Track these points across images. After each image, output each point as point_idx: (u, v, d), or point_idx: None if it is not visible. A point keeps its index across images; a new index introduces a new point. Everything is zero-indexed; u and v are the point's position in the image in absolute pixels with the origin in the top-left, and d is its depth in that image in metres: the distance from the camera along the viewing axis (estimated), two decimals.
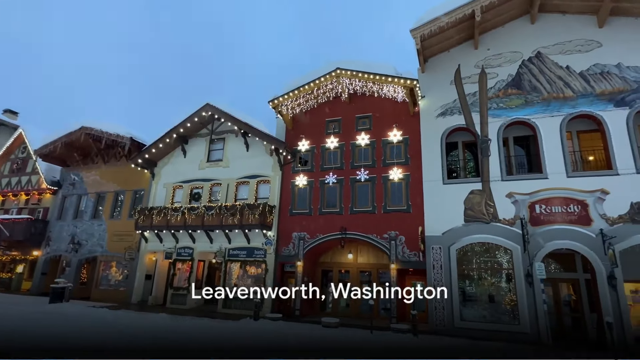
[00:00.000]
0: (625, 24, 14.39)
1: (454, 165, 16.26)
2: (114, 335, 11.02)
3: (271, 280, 17.08)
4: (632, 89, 13.66)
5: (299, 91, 17.64)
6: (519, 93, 15.14)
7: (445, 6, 15.05)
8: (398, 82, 15.79)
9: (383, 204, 16.10)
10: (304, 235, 17.03)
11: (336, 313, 17.31)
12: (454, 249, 14.42)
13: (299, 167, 18.28)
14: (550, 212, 13.60)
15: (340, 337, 11.86)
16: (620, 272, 12.24)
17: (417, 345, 11.14)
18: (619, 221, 12.69)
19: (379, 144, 16.94)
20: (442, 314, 13.94)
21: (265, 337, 11.67)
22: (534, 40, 15.48)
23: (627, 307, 12.19)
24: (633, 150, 13.15)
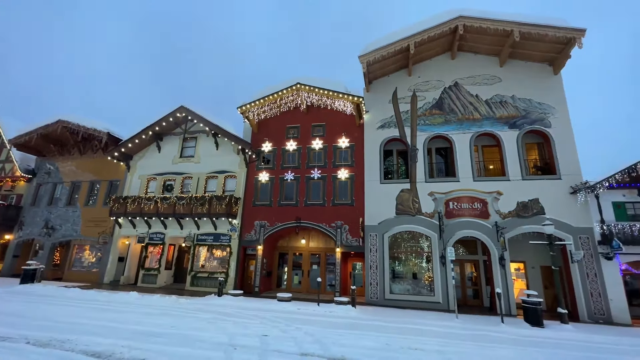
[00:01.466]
0: (518, 66, 15.81)
1: (389, 169, 16.86)
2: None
3: (235, 262, 16.64)
4: (521, 115, 15.06)
5: (264, 100, 17.34)
6: (440, 113, 16.06)
7: (388, 39, 15.58)
8: (347, 98, 16.07)
9: (332, 198, 16.32)
10: (264, 223, 16.79)
11: (290, 289, 17.31)
12: (387, 236, 14.99)
13: (262, 165, 17.97)
14: (460, 207, 14.59)
15: (291, 308, 11.86)
16: (508, 255, 13.47)
17: (353, 314, 11.45)
18: (508, 216, 13.94)
19: (330, 149, 17.13)
20: (375, 289, 14.45)
21: (223, 310, 11.34)
22: (453, 73, 16.50)
23: (511, 281, 13.45)
24: (520, 162, 14.51)
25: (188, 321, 9.17)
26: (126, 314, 9.97)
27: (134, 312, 10.23)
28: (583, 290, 12.54)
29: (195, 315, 10.12)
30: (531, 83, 15.32)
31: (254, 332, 8.09)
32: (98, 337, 7.04)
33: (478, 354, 7.06)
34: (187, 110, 18.40)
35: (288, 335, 7.98)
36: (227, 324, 9.06)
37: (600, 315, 12.18)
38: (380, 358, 6.43)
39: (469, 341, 8.24)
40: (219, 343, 6.98)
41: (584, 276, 12.67)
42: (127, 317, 9.37)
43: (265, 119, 18.41)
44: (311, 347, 6.90)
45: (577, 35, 13.62)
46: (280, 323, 9.44)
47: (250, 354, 6.26)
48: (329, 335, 8.11)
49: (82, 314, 9.57)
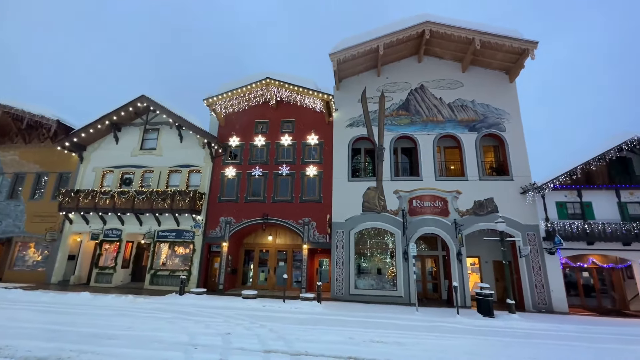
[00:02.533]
0: (479, 72, 16.75)
1: (357, 167, 17.16)
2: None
3: (198, 259, 16.11)
4: (480, 119, 16.00)
5: (232, 93, 16.86)
6: (407, 114, 16.61)
7: (358, 39, 15.80)
8: (317, 95, 16.09)
9: (300, 194, 16.30)
10: (230, 219, 16.40)
11: (255, 286, 17.10)
12: (353, 233, 15.28)
13: (229, 160, 17.51)
14: (423, 205, 15.23)
15: (256, 305, 11.74)
16: (464, 250, 14.31)
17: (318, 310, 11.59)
18: (466, 214, 14.79)
19: (299, 145, 17.08)
20: (341, 284, 14.70)
21: (184, 309, 10.97)
22: (420, 76, 17.11)
23: (467, 275, 14.31)
24: (478, 164, 15.43)
25: (146, 321, 8.75)
26: (76, 315, 9.30)
27: (85, 314, 9.58)
28: (529, 283, 13.66)
29: (154, 315, 9.68)
30: (489, 89, 16.30)
31: (217, 331, 7.91)
32: (42, 341, 6.51)
33: (434, 344, 7.45)
34: (149, 100, 17.43)
35: (252, 332, 7.90)
36: (188, 323, 8.77)
37: (543, 304, 13.35)
38: (343, 352, 6.56)
39: (427, 332, 8.67)
40: (178, 343, 6.75)
41: (530, 269, 13.80)
42: (77, 319, 8.74)
43: (233, 113, 17.93)
44: (275, 344, 6.89)
45: (530, 47, 14.69)
46: (245, 321, 9.31)
47: (212, 353, 6.11)
48: (294, 331, 8.14)
49: (25, 317, 8.79)
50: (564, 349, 7.34)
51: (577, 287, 15.20)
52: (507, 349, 7.18)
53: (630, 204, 14.14)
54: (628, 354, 7.15)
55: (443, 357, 6.38)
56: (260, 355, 6.14)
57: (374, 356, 6.36)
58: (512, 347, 7.37)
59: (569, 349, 7.37)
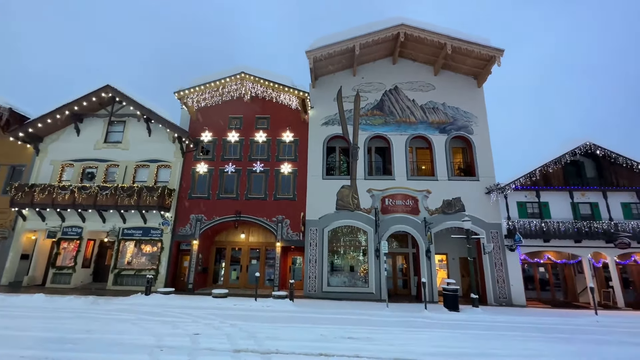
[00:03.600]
0: (450, 76, 17.40)
1: (331, 165, 17.27)
2: None
3: (166, 258, 15.54)
4: (450, 122, 16.64)
5: (205, 87, 16.36)
6: (381, 114, 16.95)
7: (335, 37, 15.88)
8: (293, 92, 16.00)
9: (274, 192, 16.16)
10: (201, 217, 15.96)
11: (227, 285, 16.80)
12: (327, 231, 15.40)
13: (201, 156, 17.00)
14: (395, 204, 15.64)
15: (227, 304, 11.54)
16: (433, 248, 14.88)
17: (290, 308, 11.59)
18: (435, 212, 15.37)
19: (274, 142, 16.91)
20: (314, 282, 14.79)
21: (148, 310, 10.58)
22: (394, 77, 17.50)
23: (435, 271, 14.90)
24: (447, 164, 16.06)
25: (108, 324, 8.33)
26: (29, 319, 8.68)
27: (40, 317, 8.96)
28: (491, 278, 14.45)
29: (117, 317, 9.24)
30: (459, 93, 16.99)
31: (185, 331, 7.69)
32: None
33: (402, 338, 7.70)
34: (115, 90, 16.52)
35: (221, 332, 7.76)
36: (154, 324, 8.45)
37: (504, 298, 14.19)
38: (314, 349, 6.62)
39: (396, 327, 8.94)
40: (143, 345, 6.49)
41: (493, 265, 14.60)
42: (31, 323, 8.16)
43: (206, 107, 17.41)
44: (245, 343, 6.82)
45: (497, 54, 15.46)
46: (214, 320, 9.12)
47: (179, 355, 5.94)
48: (265, 329, 8.09)
49: None
50: (521, 340, 7.85)
51: (534, 281, 16.30)
52: (469, 341, 7.57)
53: (581, 204, 15.34)
54: (577, 342, 7.78)
55: (410, 351, 6.61)
56: (229, 354, 6.05)
57: (344, 352, 6.46)
58: (474, 339, 7.78)
59: (525, 339, 7.89)
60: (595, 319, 10.86)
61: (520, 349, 7.00)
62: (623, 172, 15.30)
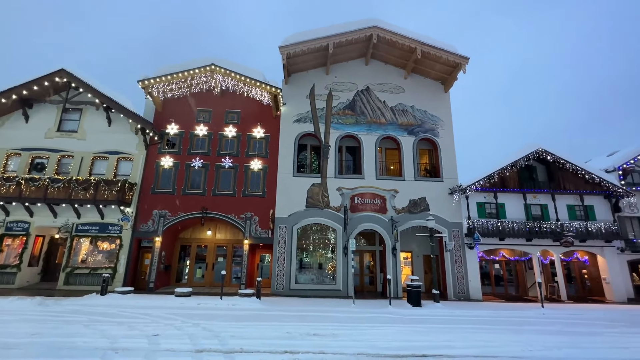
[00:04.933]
0: (419, 80, 17.99)
1: (302, 162, 17.24)
2: None
3: (126, 256, 14.72)
4: (418, 124, 17.22)
5: (172, 77, 15.62)
6: (352, 114, 17.16)
7: (309, 34, 15.82)
8: (265, 88, 15.75)
9: (243, 189, 15.84)
10: (165, 212, 15.27)
11: (191, 283, 16.26)
12: (296, 228, 15.37)
13: (166, 149, 16.25)
14: (364, 203, 15.94)
15: (191, 303, 11.17)
16: (399, 245, 15.36)
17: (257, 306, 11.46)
18: (402, 211, 15.87)
19: (244, 138, 16.56)
20: (282, 279, 14.72)
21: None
22: (366, 78, 17.78)
23: (400, 268, 15.41)
24: (414, 165, 16.62)
25: (57, 326, 7.75)
26: None
27: None
28: (452, 274, 15.20)
29: (67, 319, 8.62)
30: (427, 97, 17.63)
31: (143, 333, 7.35)
32: None
33: (367, 334, 7.90)
34: (70, 74, 15.30)
35: (183, 332, 7.51)
36: (109, 325, 7.99)
37: (462, 293, 14.99)
38: (279, 347, 6.60)
39: (361, 323, 9.14)
40: (96, 348, 6.11)
41: (453, 262, 15.36)
42: None
43: (173, 99, 16.66)
44: (208, 343, 6.64)
45: (463, 61, 16.21)
46: (176, 320, 8.80)
47: (135, 357, 5.67)
48: (229, 328, 7.94)
49: None
50: (476, 332, 8.35)
51: (490, 277, 17.36)
52: (428, 335, 7.93)
53: (533, 205, 16.55)
54: (525, 332, 8.42)
55: (373, 346, 6.79)
56: (190, 355, 5.87)
57: (310, 349, 6.51)
58: (434, 333, 8.16)
59: (479, 331, 8.40)
60: (541, 312, 11.80)
61: (474, 340, 7.44)
62: (569, 177, 16.71)
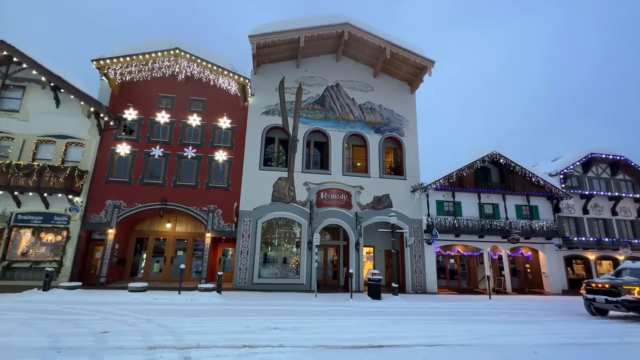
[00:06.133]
0: (387, 80, 18.42)
1: (269, 156, 17.02)
2: None
3: (73, 248, 13.65)
4: (384, 123, 17.66)
5: (131, 58, 14.60)
6: (321, 109, 17.19)
7: (281, 26, 15.54)
8: (233, 77, 15.24)
9: (206, 180, 15.30)
10: (120, 203, 14.35)
11: (147, 278, 15.50)
12: (261, 222, 15.19)
13: (123, 136, 15.23)
14: (330, 198, 16.10)
15: (146, 299, 10.65)
16: (362, 240, 15.74)
17: (217, 300, 11.21)
18: (366, 207, 16.25)
19: (209, 127, 15.96)
20: (244, 274, 14.50)
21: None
22: (337, 74, 17.86)
23: (363, 262, 15.82)
24: (380, 163, 17.05)
25: None
26: None
27: None
28: (411, 269, 15.89)
29: (2, 317, 7.83)
30: (394, 97, 18.11)
31: (90, 330, 6.87)
32: None
33: (327, 326, 8.02)
34: (11, 47, 13.75)
35: (136, 328, 7.13)
36: (51, 323, 7.37)
37: (420, 287, 15.73)
38: (238, 341, 6.49)
39: (322, 316, 9.26)
40: (34, 348, 5.61)
41: (413, 257, 16.05)
42: None
43: (132, 82, 15.59)
44: (162, 339, 6.36)
45: (429, 64, 16.82)
46: (129, 316, 8.33)
47: (79, 356, 5.27)
48: (186, 324, 7.67)
49: None
50: (429, 322, 8.81)
51: (445, 271, 18.39)
52: (385, 326, 8.22)
53: (486, 204, 17.72)
54: (474, 322, 9.03)
55: (333, 338, 6.91)
56: (142, 352, 5.58)
57: (269, 343, 6.47)
58: (390, 324, 8.48)
59: (433, 322, 8.87)
60: (489, 303, 12.73)
61: (427, 330, 7.84)
62: (518, 179, 18.09)
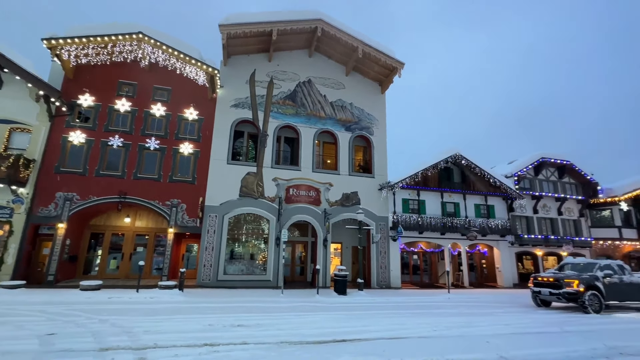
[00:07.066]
0: (359, 79, 18.63)
1: (238, 150, 16.60)
2: None
3: (17, 244, 12.48)
4: (355, 121, 17.88)
5: (88, 40, 13.53)
6: (293, 105, 17.05)
7: (252, 17, 15.15)
8: (201, 67, 14.64)
9: (170, 173, 14.63)
10: (72, 195, 13.32)
11: (103, 275, 14.59)
12: (227, 217, 14.82)
13: (77, 123, 14.12)
14: (299, 194, 16.06)
15: (100, 298, 10.02)
16: (330, 237, 15.89)
17: (178, 298, 10.81)
18: (335, 204, 16.41)
19: (175, 118, 15.25)
20: (209, 270, 14.09)
21: None
22: (309, 70, 17.78)
23: (330, 259, 15.98)
24: (349, 160, 17.27)
25: None
26: None
27: None
28: (376, 264, 16.30)
29: None
30: (365, 96, 18.38)
31: (34, 332, 6.34)
32: None
33: (292, 322, 8.02)
34: None
35: (86, 329, 6.68)
36: None
37: (384, 282, 16.20)
38: (199, 339, 6.30)
39: (288, 312, 9.26)
40: None
41: (378, 253, 16.48)
42: None
43: (89, 65, 14.48)
44: (116, 340, 6.02)
45: (399, 66, 17.24)
46: (79, 317, 7.78)
47: None
48: (144, 323, 7.31)
49: None
50: (391, 316, 9.12)
51: (409, 267, 19.10)
52: (349, 321, 8.38)
53: (448, 203, 18.60)
54: (432, 315, 9.47)
55: (297, 334, 6.92)
56: (92, 355, 5.24)
57: (232, 340, 6.34)
58: (354, 319, 8.66)
59: (394, 316, 9.19)
60: (447, 297, 13.41)
61: (389, 324, 8.11)
62: (478, 180, 19.15)
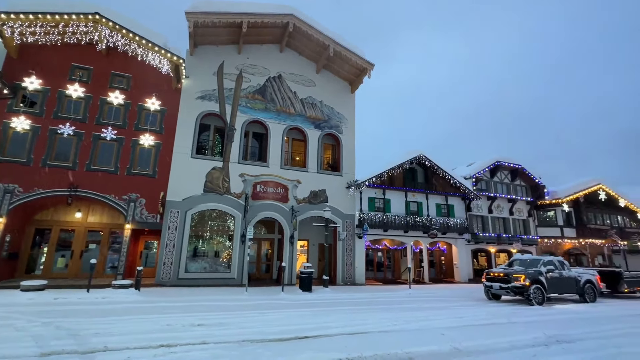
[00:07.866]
0: (329, 77, 18.72)
1: (203, 144, 16.03)
2: None
3: None
4: (325, 119, 17.98)
5: (35, 17, 12.32)
6: (262, 100, 16.77)
7: (222, 7, 14.65)
8: (165, 55, 13.92)
9: (128, 166, 13.81)
10: (13, 187, 12.11)
11: (49, 275, 13.45)
12: (190, 214, 14.30)
13: (21, 107, 12.86)
14: (266, 191, 15.87)
15: (44, 299, 9.24)
16: (297, 234, 15.89)
17: (134, 298, 10.28)
18: (302, 202, 16.42)
19: (134, 108, 14.39)
20: (169, 268, 13.52)
21: None
22: (280, 65, 17.57)
23: (296, 256, 15.99)
24: (318, 158, 17.34)
25: None
26: None
27: None
28: (342, 261, 16.57)
29: None
30: (335, 95, 18.53)
31: None
32: None
33: (255, 320, 7.93)
34: None
35: (27, 333, 6.13)
36: None
37: (349, 279, 16.52)
38: (155, 340, 6.02)
39: (251, 310, 9.12)
40: None
41: (344, 251, 16.76)
42: None
43: (37, 45, 13.23)
44: (61, 344, 5.59)
45: (369, 67, 17.56)
46: (19, 320, 7.13)
47: None
48: (93, 325, 6.86)
49: None
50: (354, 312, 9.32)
51: (373, 264, 19.62)
52: (312, 318, 8.45)
53: (411, 202, 19.33)
54: (394, 310, 9.81)
55: (259, 332, 6.85)
56: None
57: (191, 340, 6.14)
58: (318, 316, 8.74)
59: (357, 312, 9.40)
60: (408, 292, 13.96)
61: (352, 319, 8.28)
62: (440, 180, 20.10)
